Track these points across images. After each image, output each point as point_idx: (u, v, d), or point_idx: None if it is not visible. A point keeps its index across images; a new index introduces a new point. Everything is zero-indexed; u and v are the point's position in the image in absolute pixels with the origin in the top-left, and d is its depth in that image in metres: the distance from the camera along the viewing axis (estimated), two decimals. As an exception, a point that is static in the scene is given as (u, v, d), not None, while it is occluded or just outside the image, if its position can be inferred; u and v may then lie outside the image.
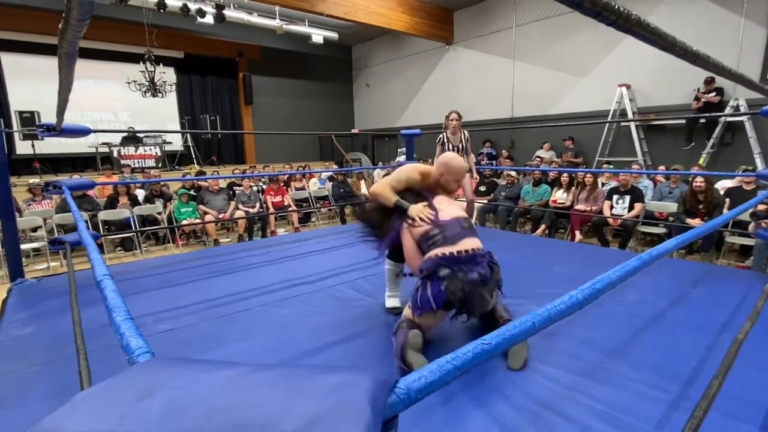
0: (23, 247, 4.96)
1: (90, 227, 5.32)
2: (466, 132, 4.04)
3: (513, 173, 6.71)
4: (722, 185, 5.10)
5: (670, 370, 1.73)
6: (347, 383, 0.32)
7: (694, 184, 4.46)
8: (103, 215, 5.66)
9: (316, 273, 3.01)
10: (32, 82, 8.82)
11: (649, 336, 2.04)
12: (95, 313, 2.12)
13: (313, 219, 7.59)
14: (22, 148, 8.70)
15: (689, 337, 2.00)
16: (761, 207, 2.85)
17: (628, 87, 7.34)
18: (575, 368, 1.75)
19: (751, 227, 2.91)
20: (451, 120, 3.97)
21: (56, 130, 2.52)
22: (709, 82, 6.30)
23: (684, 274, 2.96)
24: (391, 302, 2.35)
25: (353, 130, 5.72)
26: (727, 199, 4.52)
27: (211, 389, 0.33)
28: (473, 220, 6.20)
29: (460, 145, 4.02)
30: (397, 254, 2.32)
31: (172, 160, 9.98)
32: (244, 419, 0.29)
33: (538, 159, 7.94)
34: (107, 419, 0.30)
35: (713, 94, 6.28)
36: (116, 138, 9.14)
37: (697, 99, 6.39)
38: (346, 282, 2.81)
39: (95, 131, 2.95)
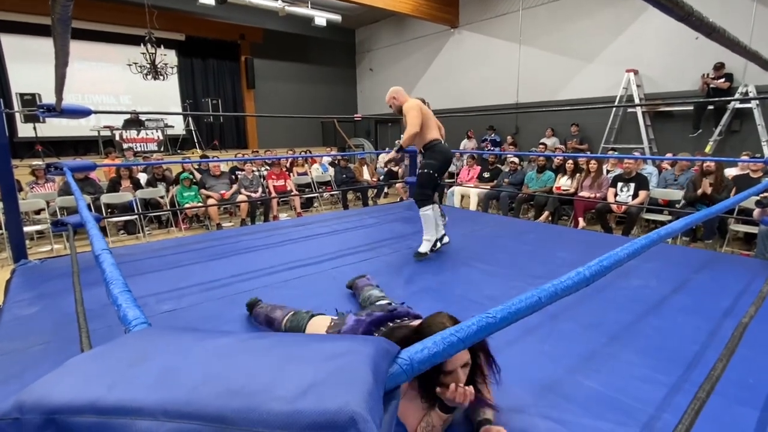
0: (26, 229, 4.98)
1: (92, 210, 5.33)
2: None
3: (516, 159, 6.66)
4: (729, 173, 5.04)
5: (672, 354, 1.73)
6: (348, 350, 0.31)
7: (705, 165, 4.46)
8: (106, 198, 5.66)
9: (317, 256, 3.01)
10: (33, 64, 8.75)
11: (652, 321, 2.04)
12: (98, 294, 2.12)
13: (315, 204, 7.58)
14: (24, 131, 8.68)
15: (692, 323, 2.00)
16: (766, 194, 2.82)
17: (636, 72, 7.22)
18: (578, 351, 1.75)
19: (756, 213, 2.88)
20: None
21: (56, 111, 2.49)
22: (718, 67, 6.18)
23: (688, 260, 2.95)
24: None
25: (356, 116, 5.66)
26: (734, 187, 4.48)
27: (206, 356, 0.32)
28: (476, 207, 6.17)
29: None
30: None
31: (174, 144, 9.95)
32: (239, 385, 0.28)
33: (542, 146, 7.87)
34: (97, 385, 0.28)
35: (722, 80, 6.16)
36: (118, 121, 9.09)
37: (705, 84, 6.29)
38: (347, 264, 2.81)
39: (96, 112, 2.92)
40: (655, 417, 1.36)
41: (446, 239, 3.04)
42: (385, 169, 7.87)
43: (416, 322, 1.35)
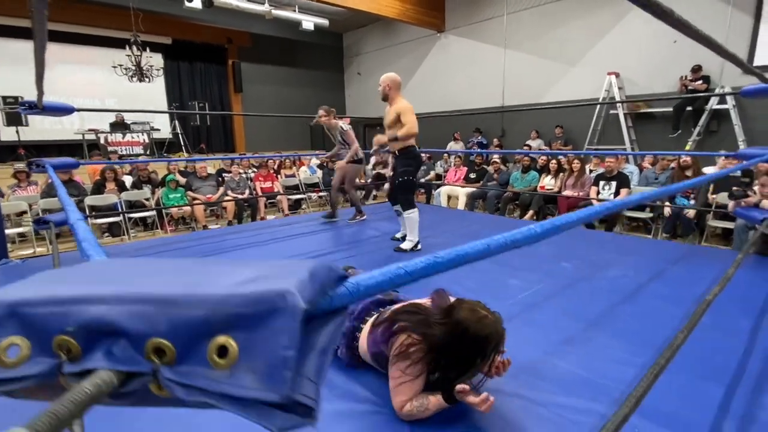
0: (8, 231, 4.90)
1: (77, 212, 5.26)
2: (341, 124, 4.45)
3: (498, 160, 6.76)
4: (707, 171, 5.17)
5: (645, 338, 1.78)
6: (294, 262, 0.34)
7: (681, 160, 4.61)
8: (90, 200, 5.60)
9: (304, 253, 3.03)
10: (15, 67, 8.61)
11: (628, 307, 2.10)
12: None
13: (303, 206, 7.57)
14: (7, 134, 8.55)
15: (666, 309, 2.06)
16: (737, 188, 2.92)
17: (617, 75, 7.38)
18: (557, 336, 1.80)
19: (730, 206, 2.97)
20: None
21: (38, 108, 2.48)
22: (695, 70, 6.36)
23: (665, 253, 3.03)
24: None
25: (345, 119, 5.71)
26: (712, 185, 4.60)
27: (169, 268, 0.35)
28: (463, 206, 6.24)
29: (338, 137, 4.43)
30: None
31: (160, 147, 9.87)
32: (197, 280, 0.31)
33: (527, 148, 8.00)
34: (58, 287, 0.31)
35: (700, 81, 6.34)
36: (104, 125, 9.01)
37: (683, 86, 6.47)
38: (334, 261, 2.83)
39: (79, 110, 2.91)
40: (626, 394, 1.41)
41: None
42: (374, 171, 7.92)
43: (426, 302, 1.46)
